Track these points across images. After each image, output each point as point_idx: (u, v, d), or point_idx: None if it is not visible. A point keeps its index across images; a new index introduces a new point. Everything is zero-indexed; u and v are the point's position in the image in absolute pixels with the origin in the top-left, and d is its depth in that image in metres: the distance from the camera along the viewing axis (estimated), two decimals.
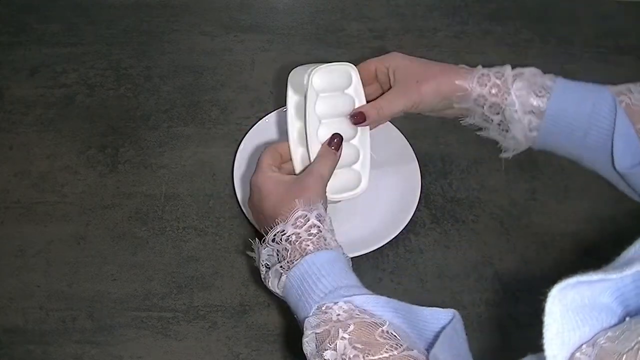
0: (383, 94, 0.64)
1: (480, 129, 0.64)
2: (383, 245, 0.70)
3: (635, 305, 0.35)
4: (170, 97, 0.84)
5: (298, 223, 0.54)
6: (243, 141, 0.77)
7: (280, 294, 0.54)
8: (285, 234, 0.54)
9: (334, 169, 0.61)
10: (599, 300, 0.35)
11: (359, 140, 0.64)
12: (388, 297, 0.49)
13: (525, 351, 0.38)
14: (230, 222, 0.74)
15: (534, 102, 0.59)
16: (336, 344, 0.46)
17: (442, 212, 0.76)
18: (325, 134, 0.61)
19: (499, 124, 0.62)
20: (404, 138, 0.78)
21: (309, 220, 0.54)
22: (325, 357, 0.47)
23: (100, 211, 0.75)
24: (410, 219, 0.72)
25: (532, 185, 0.79)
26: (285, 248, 0.54)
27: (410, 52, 0.93)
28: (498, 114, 0.61)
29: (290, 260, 0.53)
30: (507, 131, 0.62)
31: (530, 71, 0.60)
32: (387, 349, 0.45)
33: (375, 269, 0.72)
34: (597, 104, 0.57)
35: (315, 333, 0.48)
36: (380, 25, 0.93)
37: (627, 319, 0.35)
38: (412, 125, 0.79)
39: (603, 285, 0.35)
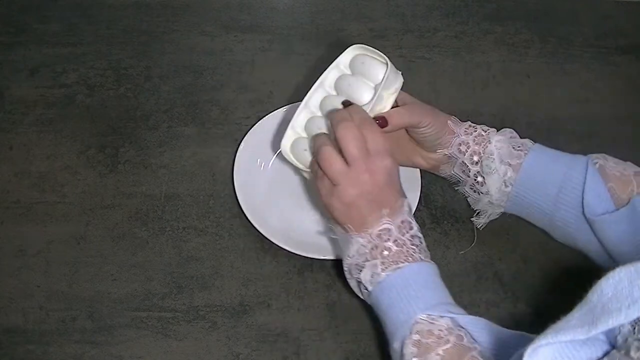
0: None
1: (458, 182, 0.68)
2: None
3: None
4: (170, 97, 0.84)
5: (403, 228, 0.56)
6: (243, 141, 0.77)
7: (369, 288, 0.56)
8: (391, 235, 0.56)
9: None
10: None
11: None
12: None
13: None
14: (230, 222, 0.74)
15: (512, 154, 0.63)
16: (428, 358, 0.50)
17: (442, 212, 0.76)
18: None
19: (476, 177, 0.65)
20: None
21: (412, 229, 0.57)
22: None
23: (100, 211, 0.75)
24: None
25: None
26: (390, 248, 0.55)
27: (410, 52, 0.92)
28: (477, 163, 0.64)
29: (395, 261, 0.55)
30: (482, 186, 0.65)
31: (511, 132, 0.65)
32: None
33: None
34: (572, 163, 0.61)
35: (420, 341, 0.51)
36: (380, 25, 0.93)
37: (613, 351, 0.37)
38: None
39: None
